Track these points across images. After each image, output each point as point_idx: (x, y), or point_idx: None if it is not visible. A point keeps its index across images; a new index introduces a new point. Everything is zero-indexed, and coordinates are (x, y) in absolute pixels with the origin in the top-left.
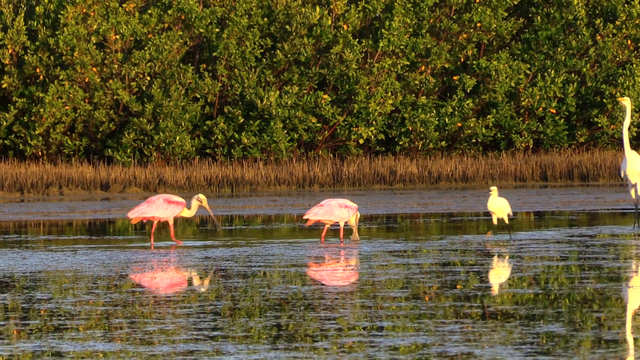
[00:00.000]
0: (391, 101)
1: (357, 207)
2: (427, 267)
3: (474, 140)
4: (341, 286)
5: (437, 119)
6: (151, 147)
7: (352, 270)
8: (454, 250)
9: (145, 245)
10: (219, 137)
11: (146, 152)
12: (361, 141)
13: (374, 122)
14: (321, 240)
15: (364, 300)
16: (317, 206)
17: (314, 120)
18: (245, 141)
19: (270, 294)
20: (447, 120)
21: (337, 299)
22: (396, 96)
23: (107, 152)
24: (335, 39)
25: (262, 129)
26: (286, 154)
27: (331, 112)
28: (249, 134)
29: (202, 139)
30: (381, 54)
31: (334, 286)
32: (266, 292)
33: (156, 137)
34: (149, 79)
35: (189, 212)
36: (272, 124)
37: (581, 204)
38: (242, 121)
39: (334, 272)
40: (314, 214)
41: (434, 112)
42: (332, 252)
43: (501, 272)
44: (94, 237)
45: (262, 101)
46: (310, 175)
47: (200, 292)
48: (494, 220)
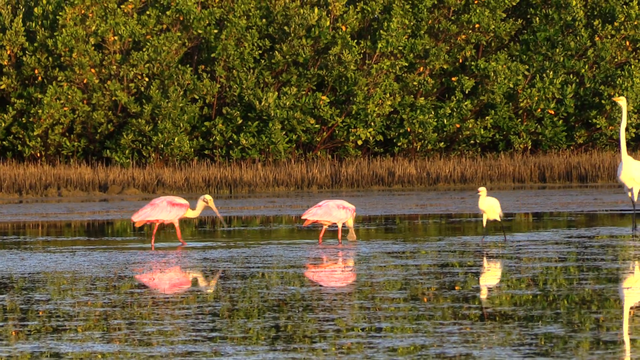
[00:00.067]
0: (389, 102)
1: (355, 208)
2: (425, 268)
3: (472, 141)
4: (340, 287)
5: (435, 120)
6: (150, 148)
7: (350, 271)
8: (453, 251)
9: (143, 246)
10: (218, 138)
11: (144, 153)
12: (359, 142)
13: (373, 123)
14: (319, 241)
15: (363, 301)
16: (315, 207)
17: (313, 121)
18: (243, 142)
19: (268, 295)
20: (445, 121)
21: (335, 300)
22: (394, 97)
23: (105, 153)
24: (333, 40)
25: (261, 130)
26: (284, 155)
27: (329, 113)
28: (247, 135)
29: (200, 140)
30: (380, 55)
31: (332, 287)
32: (265, 293)
33: (155, 138)
34: (147, 80)
35: (193, 213)
36: (270, 125)
37: (580, 205)
38: (240, 122)
39: (333, 273)
40: (312, 215)
41: (433, 113)
42: (331, 253)
43: (499, 273)
44: (93, 238)
45: (260, 102)
46: (308, 176)
47: (198, 293)
48: (484, 222)
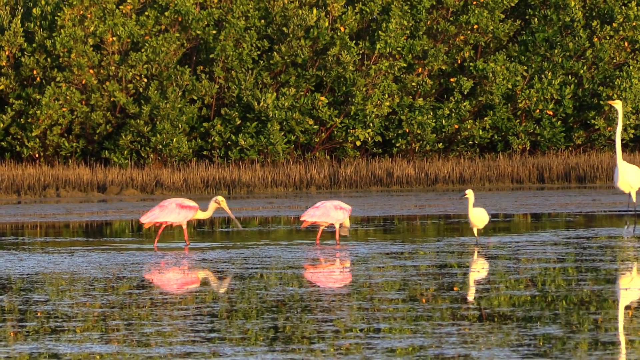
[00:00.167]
0: (388, 103)
1: (351, 208)
2: (424, 269)
3: (470, 142)
4: (338, 288)
5: (434, 120)
6: (148, 149)
7: (348, 272)
8: (451, 252)
9: (142, 247)
10: (216, 139)
11: (143, 154)
12: (358, 143)
13: (371, 124)
14: (317, 242)
15: (361, 302)
16: (312, 208)
17: (311, 122)
18: (242, 143)
19: (267, 295)
20: (444, 122)
21: (334, 300)
22: (393, 98)
23: (104, 154)
24: (332, 41)
25: (259, 130)
26: (283, 156)
27: (328, 114)
28: (245, 135)
29: (199, 140)
30: (378, 55)
31: (330, 288)
32: (263, 294)
33: (153, 139)
34: (145, 80)
35: (204, 214)
36: (269, 125)
37: (578, 205)
38: (239, 123)
39: (331, 274)
40: (310, 216)
41: (431, 114)
42: (329, 254)
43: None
44: (91, 239)
45: (259, 103)
46: (307, 177)
47: (197, 293)
48: (474, 232)
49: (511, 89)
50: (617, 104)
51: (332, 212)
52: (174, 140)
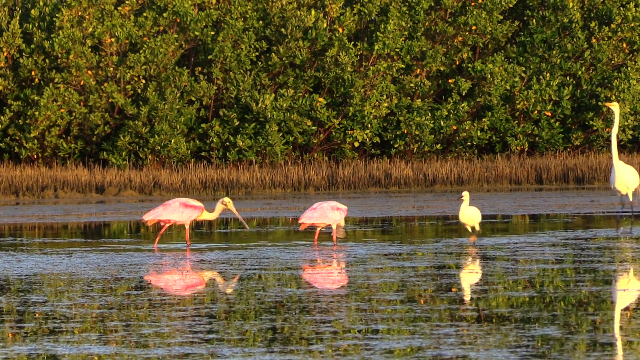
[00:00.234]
0: (386, 104)
1: (347, 208)
2: (422, 270)
3: (469, 143)
4: (336, 289)
5: (432, 122)
6: (146, 150)
7: (347, 273)
8: (449, 253)
9: (140, 248)
10: (214, 140)
11: (141, 155)
12: (356, 144)
13: (369, 125)
14: (314, 243)
15: (359, 303)
16: (310, 209)
17: (309, 123)
18: (240, 144)
19: (265, 296)
20: (442, 123)
21: (332, 301)
22: (391, 99)
23: (102, 155)
24: (330, 42)
25: (258, 131)
26: (281, 157)
27: (326, 115)
28: (244, 136)
29: (197, 141)
30: (376, 56)
31: (329, 289)
32: (261, 295)
33: (151, 140)
34: (144, 82)
35: (210, 215)
36: (267, 126)
37: (576, 206)
38: (237, 124)
39: (329, 275)
40: (308, 218)
41: (429, 115)
42: (327, 255)
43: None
44: (89, 240)
45: (257, 104)
46: (305, 178)
47: (195, 294)
48: (469, 228)
49: (509, 90)
50: (615, 106)
51: (329, 213)
52: (172, 141)
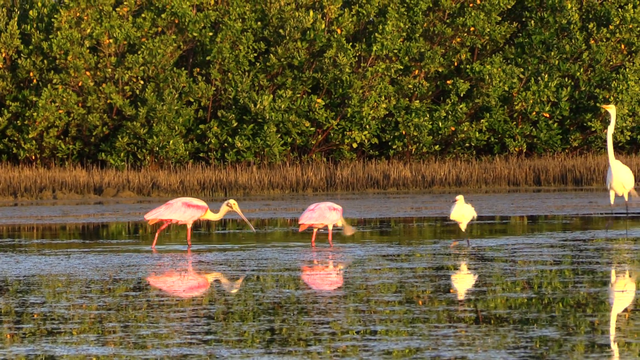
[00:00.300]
0: (385, 105)
1: (342, 209)
2: (420, 271)
3: (467, 144)
4: (334, 290)
5: (430, 123)
6: (145, 151)
7: (345, 274)
8: (447, 254)
9: (139, 249)
10: (213, 141)
11: (140, 156)
12: (355, 145)
13: (368, 126)
14: (312, 244)
15: (358, 304)
16: (308, 211)
17: (308, 124)
18: (238, 145)
19: (263, 297)
20: (440, 124)
21: (330, 302)
22: (390, 100)
23: (100, 156)
24: (328, 43)
25: (256, 133)
26: (280, 158)
27: (325, 116)
28: (242, 137)
29: (195, 142)
30: (375, 58)
31: (327, 290)
32: (260, 296)
33: (150, 141)
34: (142, 82)
35: (215, 216)
36: (265, 128)
37: (575, 208)
38: (235, 125)
39: (328, 276)
40: (307, 219)
41: (428, 116)
42: (325, 256)
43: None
44: (88, 241)
45: (255, 105)
46: (303, 179)
47: (193, 295)
48: (462, 227)
49: (508, 91)
50: (611, 109)
51: (327, 214)
52: (171, 142)
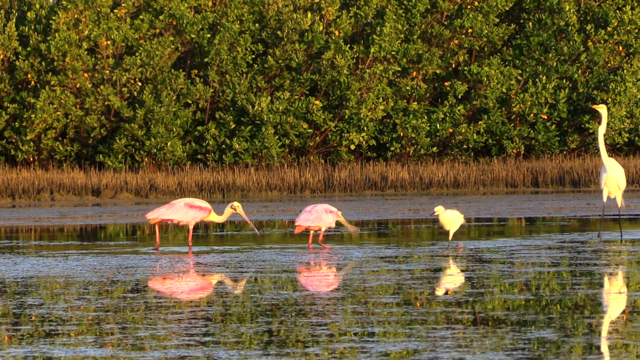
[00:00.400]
0: (382, 107)
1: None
2: (418, 272)
3: (465, 146)
4: (332, 292)
5: (428, 124)
6: (142, 152)
7: (343, 275)
8: (445, 256)
9: (137, 250)
10: (210, 143)
11: (137, 158)
12: (352, 147)
13: (365, 128)
14: (309, 246)
15: (355, 305)
16: (305, 212)
17: (305, 126)
18: (236, 147)
19: (261, 299)
20: (438, 126)
21: (328, 304)
22: (387, 102)
23: (98, 157)
24: (326, 45)
25: (254, 134)
26: (277, 160)
27: (322, 117)
28: (240, 139)
29: (193, 144)
30: (372, 59)
31: (325, 292)
32: (257, 298)
33: (147, 143)
34: (140, 84)
35: (219, 218)
36: (263, 129)
37: (572, 209)
38: (233, 127)
39: (325, 278)
40: (304, 220)
41: (425, 118)
42: (323, 258)
43: (492, 277)
44: (85, 243)
45: (253, 107)
46: (301, 181)
47: (191, 297)
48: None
49: (505, 93)
50: (602, 109)
51: (323, 216)
52: (169, 144)
